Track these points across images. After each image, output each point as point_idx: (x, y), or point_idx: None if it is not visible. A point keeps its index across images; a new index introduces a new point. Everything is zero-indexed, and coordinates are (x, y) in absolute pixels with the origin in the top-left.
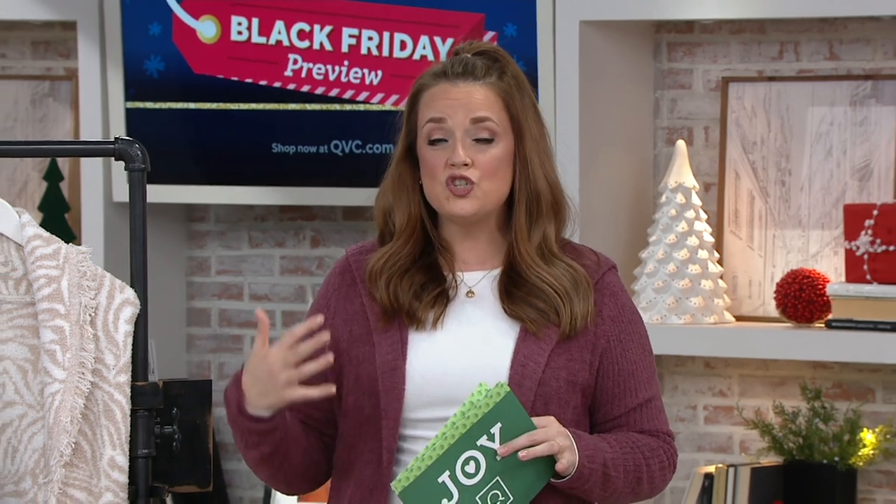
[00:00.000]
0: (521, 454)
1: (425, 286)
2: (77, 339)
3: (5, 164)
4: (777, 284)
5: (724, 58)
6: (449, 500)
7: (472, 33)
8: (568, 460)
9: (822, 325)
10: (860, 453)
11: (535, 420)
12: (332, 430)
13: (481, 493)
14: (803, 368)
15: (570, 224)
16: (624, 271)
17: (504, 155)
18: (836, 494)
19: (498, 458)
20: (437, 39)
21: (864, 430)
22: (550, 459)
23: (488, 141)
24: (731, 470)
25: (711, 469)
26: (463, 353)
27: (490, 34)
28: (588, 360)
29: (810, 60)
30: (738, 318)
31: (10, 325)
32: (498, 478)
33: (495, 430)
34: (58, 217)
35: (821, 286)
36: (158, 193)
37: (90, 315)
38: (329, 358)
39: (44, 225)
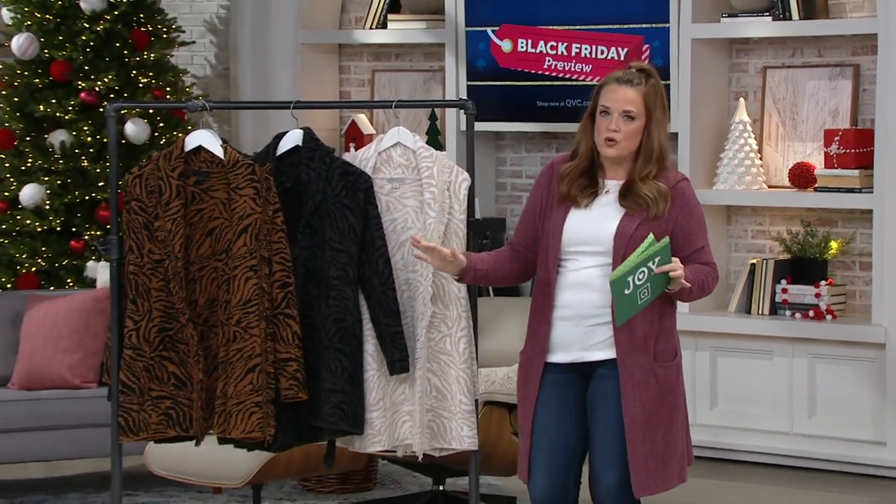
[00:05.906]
0: (660, 269)
1: (586, 186)
2: (440, 197)
3: (412, 113)
4: (790, 169)
5: (764, 56)
6: (627, 289)
7: (637, 45)
8: (682, 284)
9: (812, 190)
10: (829, 253)
11: (674, 258)
12: (534, 254)
13: (640, 289)
14: (802, 211)
15: (667, 166)
16: (711, 164)
17: (637, 128)
18: (816, 272)
19: (654, 273)
20: (620, 49)
21: (832, 240)
22: (669, 279)
23: (630, 119)
24: (765, 262)
25: (755, 261)
26: (593, 221)
27: (646, 46)
28: (663, 228)
29: (808, 57)
30: (770, 187)
31: (411, 189)
32: (648, 282)
33: (657, 259)
34: (434, 138)
35: (812, 169)
36: (482, 126)
37: (447, 185)
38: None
39: (428, 142)
